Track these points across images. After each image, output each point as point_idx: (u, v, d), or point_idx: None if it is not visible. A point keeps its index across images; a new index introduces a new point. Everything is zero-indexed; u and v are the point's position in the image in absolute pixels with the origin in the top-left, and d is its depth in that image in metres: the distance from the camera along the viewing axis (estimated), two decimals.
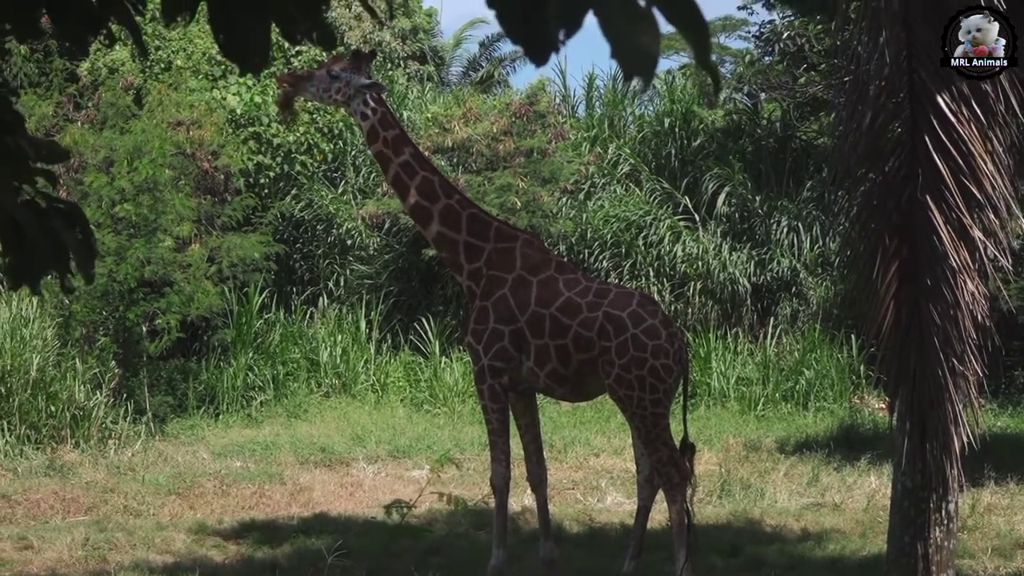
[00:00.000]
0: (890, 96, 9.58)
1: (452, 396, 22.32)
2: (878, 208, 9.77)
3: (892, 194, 9.63)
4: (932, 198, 9.34)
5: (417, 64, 34.12)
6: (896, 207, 9.61)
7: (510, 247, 12.27)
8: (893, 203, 9.63)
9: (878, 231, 9.77)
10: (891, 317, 9.54)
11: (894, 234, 9.61)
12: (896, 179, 9.62)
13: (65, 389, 17.99)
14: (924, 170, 9.37)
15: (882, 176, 9.75)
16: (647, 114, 30.47)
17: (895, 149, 9.67)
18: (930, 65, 9.28)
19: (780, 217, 26.04)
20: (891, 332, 9.56)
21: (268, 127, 23.71)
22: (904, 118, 9.54)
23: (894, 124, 9.66)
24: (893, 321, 9.54)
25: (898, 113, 9.59)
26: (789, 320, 25.23)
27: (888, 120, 9.64)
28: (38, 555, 13.06)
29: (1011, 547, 13.67)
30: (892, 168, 9.68)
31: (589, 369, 11.92)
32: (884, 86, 9.56)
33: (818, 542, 14.10)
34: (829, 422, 21.08)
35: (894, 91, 9.55)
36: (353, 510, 15.54)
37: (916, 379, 9.56)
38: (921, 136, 9.36)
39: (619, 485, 16.82)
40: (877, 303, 9.61)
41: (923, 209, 9.37)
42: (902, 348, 9.57)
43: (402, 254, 25.59)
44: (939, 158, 9.24)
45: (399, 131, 12.52)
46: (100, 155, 19.80)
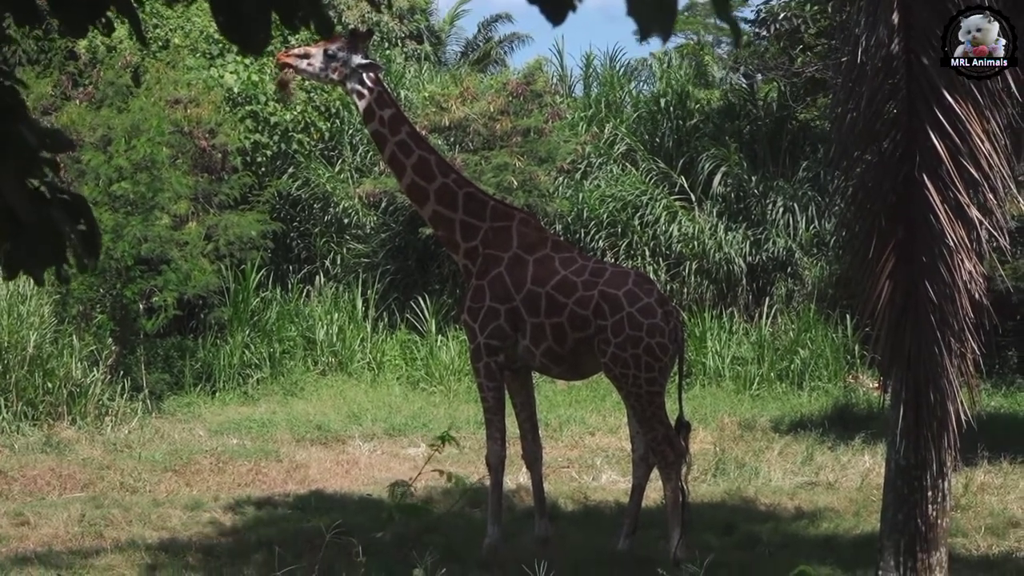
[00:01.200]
0: (887, 76, 9.60)
1: (448, 375, 22.36)
2: (874, 188, 9.80)
3: (889, 174, 9.66)
4: (929, 177, 9.37)
5: (414, 44, 34.09)
6: (893, 187, 9.64)
7: (506, 226, 12.30)
8: (890, 183, 9.66)
9: (874, 211, 9.81)
10: (887, 296, 9.57)
11: (891, 214, 9.65)
12: (893, 159, 9.65)
13: (62, 366, 18.02)
14: (921, 150, 9.40)
15: (879, 156, 9.79)
16: (644, 94, 30.46)
17: (891, 129, 9.69)
18: (927, 46, 9.31)
19: (776, 197, 26.06)
20: (887, 311, 9.60)
21: (265, 106, 23.72)
22: (901, 98, 9.57)
23: (891, 104, 9.69)
24: (889, 300, 9.58)
25: (895, 93, 9.62)
26: (784, 300, 25.26)
27: (885, 100, 9.67)
28: (34, 531, 13.11)
29: (1004, 526, 13.73)
30: (888, 148, 9.71)
31: (585, 348, 11.96)
32: (881, 66, 9.58)
33: (812, 520, 14.16)
34: (824, 401, 21.14)
35: (891, 71, 9.57)
36: (349, 487, 15.59)
37: (912, 358, 9.60)
38: (918, 116, 9.40)
39: (614, 464, 16.87)
40: (873, 282, 9.64)
41: (920, 188, 9.40)
42: (898, 327, 9.61)
43: (399, 233, 25.61)
44: (936, 137, 9.27)
45: (395, 110, 12.55)
46: (98, 133, 19.80)
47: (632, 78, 31.59)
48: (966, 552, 12.86)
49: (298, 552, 11.82)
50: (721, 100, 28.56)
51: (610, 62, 31.11)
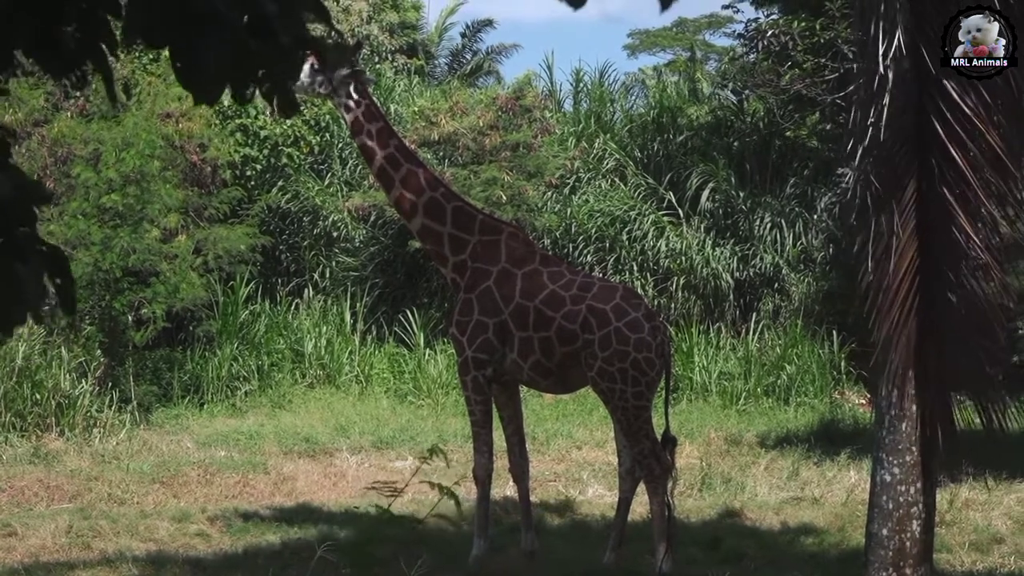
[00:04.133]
0: (900, 89, 9.60)
1: (436, 388, 22.38)
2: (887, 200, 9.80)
3: (902, 187, 9.67)
4: (949, 189, 9.41)
5: (404, 58, 34.14)
6: (913, 199, 9.66)
7: (495, 240, 12.36)
8: (910, 195, 9.67)
9: (890, 223, 9.79)
10: (903, 313, 9.58)
11: (908, 225, 9.66)
12: (908, 171, 9.67)
13: (50, 377, 18.05)
14: (938, 161, 9.44)
15: (891, 170, 9.79)
16: (634, 109, 30.55)
17: (906, 142, 9.70)
18: (936, 54, 9.34)
19: (763, 213, 26.14)
20: (902, 325, 9.60)
21: (255, 119, 23.78)
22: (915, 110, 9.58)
23: (904, 117, 9.69)
24: (907, 316, 9.58)
25: (907, 106, 9.63)
26: (771, 316, 25.33)
27: (899, 113, 9.67)
28: (22, 542, 13.14)
29: (988, 542, 13.79)
30: (902, 159, 9.71)
31: (572, 361, 12.01)
32: (892, 78, 9.58)
33: (797, 535, 14.21)
34: (810, 417, 21.19)
35: (903, 83, 9.58)
36: (336, 500, 15.63)
37: (932, 375, 9.63)
38: (932, 127, 9.42)
39: (601, 477, 16.91)
40: (889, 296, 9.63)
41: (940, 201, 9.43)
42: (918, 341, 9.62)
43: (387, 246, 25.66)
44: (954, 149, 9.30)
45: (383, 123, 12.59)
46: (89, 147, 19.83)
47: (627, 93, 31.69)
48: (950, 568, 12.92)
49: (285, 564, 11.86)
50: (709, 115, 28.64)
51: (600, 77, 31.20)
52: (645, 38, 48.43)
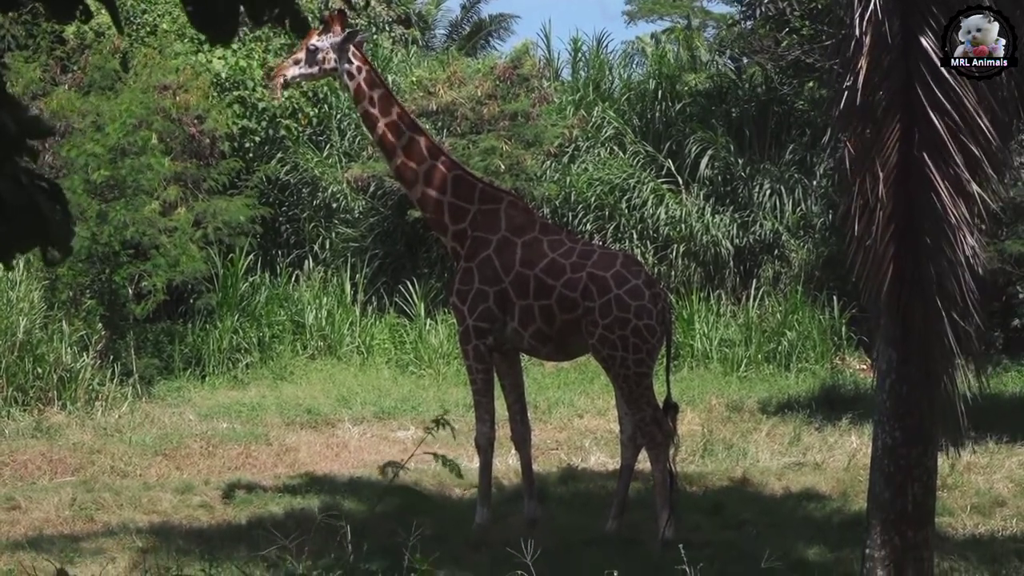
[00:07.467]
0: (885, 52, 9.58)
1: (437, 358, 22.39)
2: (871, 168, 9.80)
3: (888, 151, 9.66)
4: (929, 155, 9.40)
5: (402, 28, 34.05)
6: (895, 165, 9.65)
7: (495, 208, 12.36)
8: (892, 160, 9.66)
9: (874, 189, 9.80)
10: (890, 276, 9.58)
11: (890, 193, 9.66)
12: (892, 136, 9.66)
13: (52, 351, 18.05)
14: (920, 127, 9.43)
15: (877, 134, 9.78)
16: (632, 77, 30.47)
17: (891, 106, 9.69)
18: (923, 23, 9.32)
19: (762, 180, 26.11)
20: (888, 291, 9.61)
21: (253, 91, 23.72)
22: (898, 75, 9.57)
23: (889, 82, 9.69)
24: (892, 280, 9.59)
25: (892, 71, 9.62)
26: (771, 282, 25.32)
27: (883, 77, 9.66)
28: (25, 515, 13.17)
29: (990, 505, 13.83)
30: (888, 125, 9.71)
31: (573, 329, 12.03)
32: (877, 42, 9.56)
33: (800, 501, 14.25)
34: (811, 383, 21.21)
35: (888, 48, 9.56)
36: (339, 470, 15.65)
37: (916, 337, 9.64)
38: (916, 93, 9.41)
39: (602, 445, 16.94)
40: (875, 264, 9.64)
41: (920, 166, 9.43)
42: (903, 305, 9.63)
43: (387, 217, 25.63)
44: (935, 115, 9.29)
45: (384, 90, 12.61)
46: (87, 120, 19.79)
47: (629, 62, 31.61)
48: (952, 531, 12.97)
49: (287, 534, 11.88)
50: (708, 82, 28.57)
51: (597, 46, 31.12)
52: (643, 4, 48.26)
